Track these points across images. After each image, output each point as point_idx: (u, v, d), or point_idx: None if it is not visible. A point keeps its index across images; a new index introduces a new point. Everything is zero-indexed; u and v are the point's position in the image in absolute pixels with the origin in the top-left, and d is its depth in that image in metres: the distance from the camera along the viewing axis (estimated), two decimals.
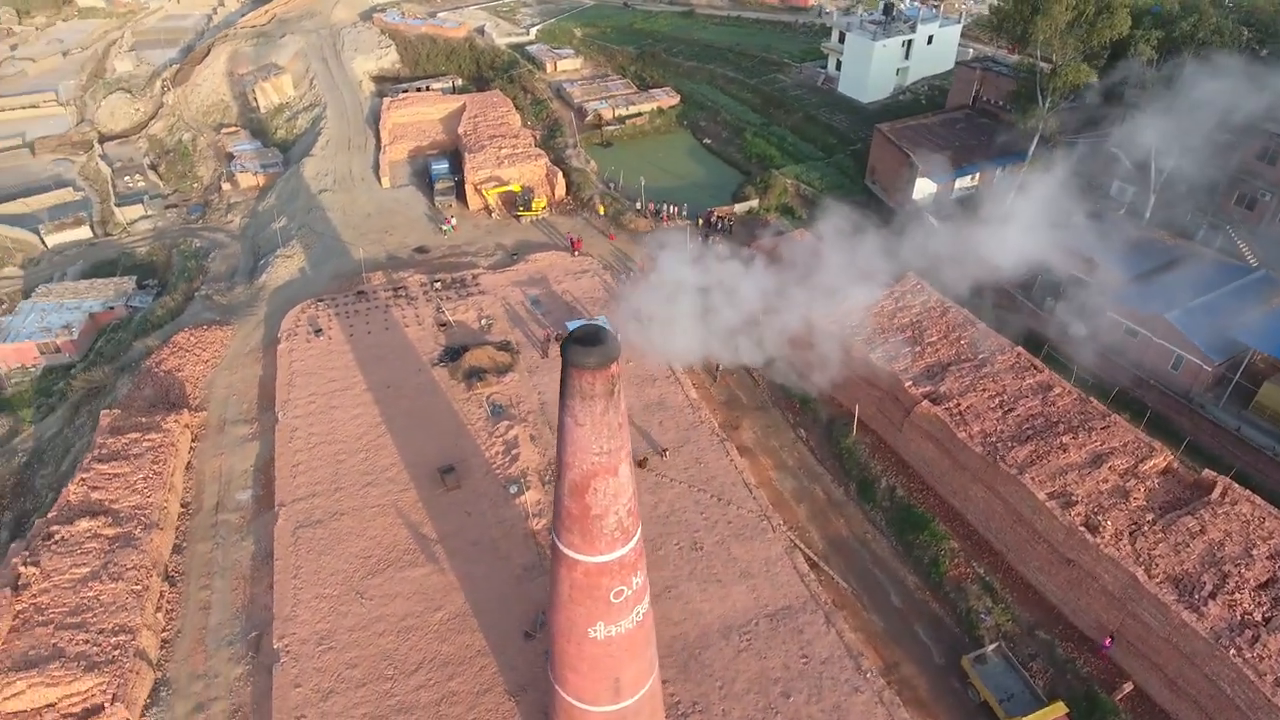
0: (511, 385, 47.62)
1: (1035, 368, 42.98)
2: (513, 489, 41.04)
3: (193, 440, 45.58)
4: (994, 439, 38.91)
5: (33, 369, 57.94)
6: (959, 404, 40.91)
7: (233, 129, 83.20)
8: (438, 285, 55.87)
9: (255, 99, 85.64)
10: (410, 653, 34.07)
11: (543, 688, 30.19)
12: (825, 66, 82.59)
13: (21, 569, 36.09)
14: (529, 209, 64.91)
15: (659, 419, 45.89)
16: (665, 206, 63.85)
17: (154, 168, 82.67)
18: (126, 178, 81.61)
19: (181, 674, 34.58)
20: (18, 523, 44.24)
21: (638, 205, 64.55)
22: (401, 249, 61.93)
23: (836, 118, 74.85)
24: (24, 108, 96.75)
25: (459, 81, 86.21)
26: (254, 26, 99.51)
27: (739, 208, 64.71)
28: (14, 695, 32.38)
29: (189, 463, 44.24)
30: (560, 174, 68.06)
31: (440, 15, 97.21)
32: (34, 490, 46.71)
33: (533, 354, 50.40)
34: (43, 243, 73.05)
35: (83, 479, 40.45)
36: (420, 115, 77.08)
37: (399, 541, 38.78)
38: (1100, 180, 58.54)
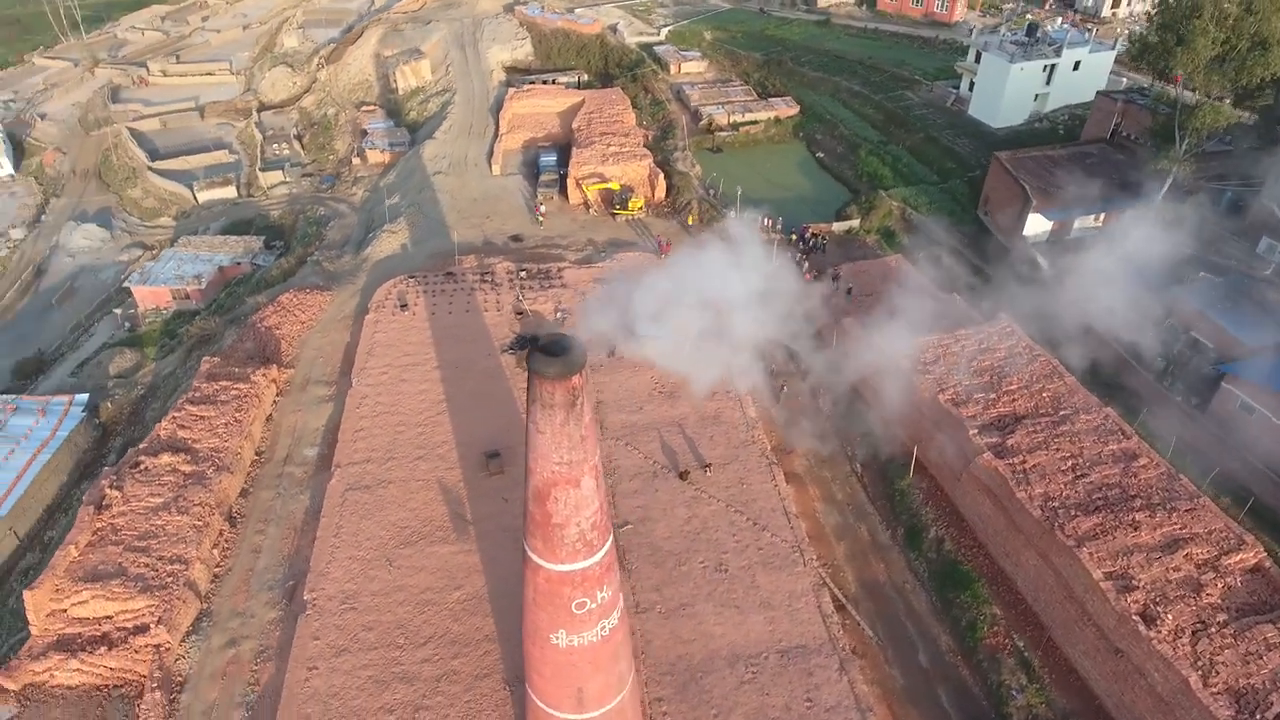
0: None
1: (1123, 433, 39.25)
2: None
3: (277, 394, 48.97)
4: (1057, 504, 35.86)
5: (165, 311, 64.05)
6: (1025, 461, 37.96)
7: (371, 108, 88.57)
8: (523, 274, 57.37)
9: (395, 81, 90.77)
10: (423, 626, 35.32)
11: None
12: (957, 87, 78.41)
13: (107, 491, 40.05)
14: (625, 208, 65.45)
15: (711, 433, 45.25)
16: (761, 218, 62.75)
17: (299, 138, 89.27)
18: (275, 145, 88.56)
19: (224, 609, 37.35)
20: (122, 448, 49.12)
21: (731, 214, 63.74)
22: (498, 235, 63.98)
23: (960, 141, 70.97)
24: (201, 74, 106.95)
25: (584, 77, 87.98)
26: (405, 12, 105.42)
27: (837, 226, 62.66)
28: (80, 603, 36.07)
29: (270, 415, 47.58)
30: (662, 176, 68.21)
31: (577, 11, 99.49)
32: (143, 421, 51.63)
33: (599, 352, 50.81)
34: (194, 198, 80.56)
35: (174, 417, 44.37)
36: (540, 107, 79.23)
37: (435, 517, 40.23)
38: (1247, 235, 52.63)
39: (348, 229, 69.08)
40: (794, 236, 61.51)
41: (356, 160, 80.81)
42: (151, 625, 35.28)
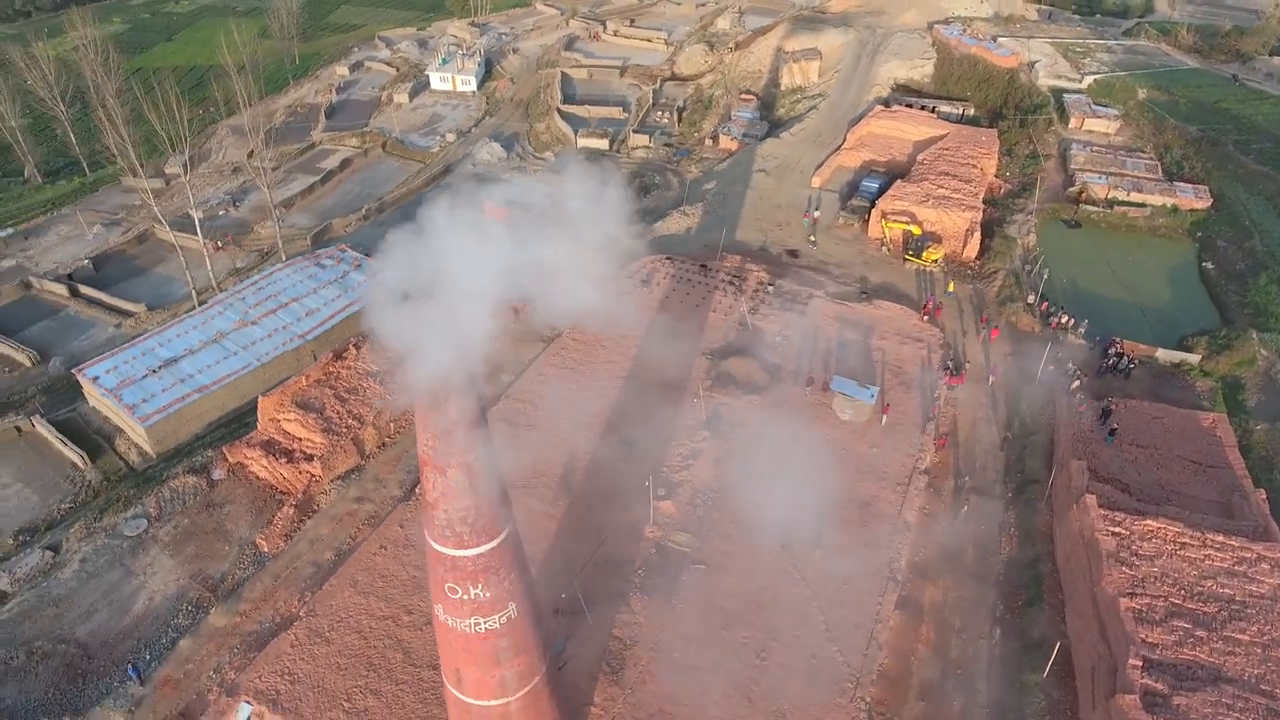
0: (745, 405, 46.41)
1: None
2: (660, 490, 41.18)
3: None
4: None
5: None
6: None
7: (748, 97, 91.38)
8: (770, 289, 55.87)
9: (782, 76, 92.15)
10: None
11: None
12: None
13: (351, 346, 49.61)
14: (918, 256, 59.31)
15: (851, 514, 40.20)
16: (1059, 311, 52.28)
17: (680, 111, 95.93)
18: (659, 112, 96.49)
19: (371, 472, 44.35)
20: None
21: (1030, 298, 53.98)
22: (778, 245, 62.77)
23: None
24: (642, 39, 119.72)
25: (970, 110, 79.92)
26: (821, 12, 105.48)
27: (1163, 353, 49.54)
28: (287, 420, 45.83)
29: None
30: (979, 236, 60.16)
31: (1000, 40, 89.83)
32: None
33: (789, 387, 47.89)
34: (575, 141, 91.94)
35: None
36: (898, 131, 74.48)
37: (547, 471, 42.50)
38: None
39: (663, 200, 73.34)
40: (1099, 346, 50.29)
41: (708, 142, 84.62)
42: (315, 458, 43.57)
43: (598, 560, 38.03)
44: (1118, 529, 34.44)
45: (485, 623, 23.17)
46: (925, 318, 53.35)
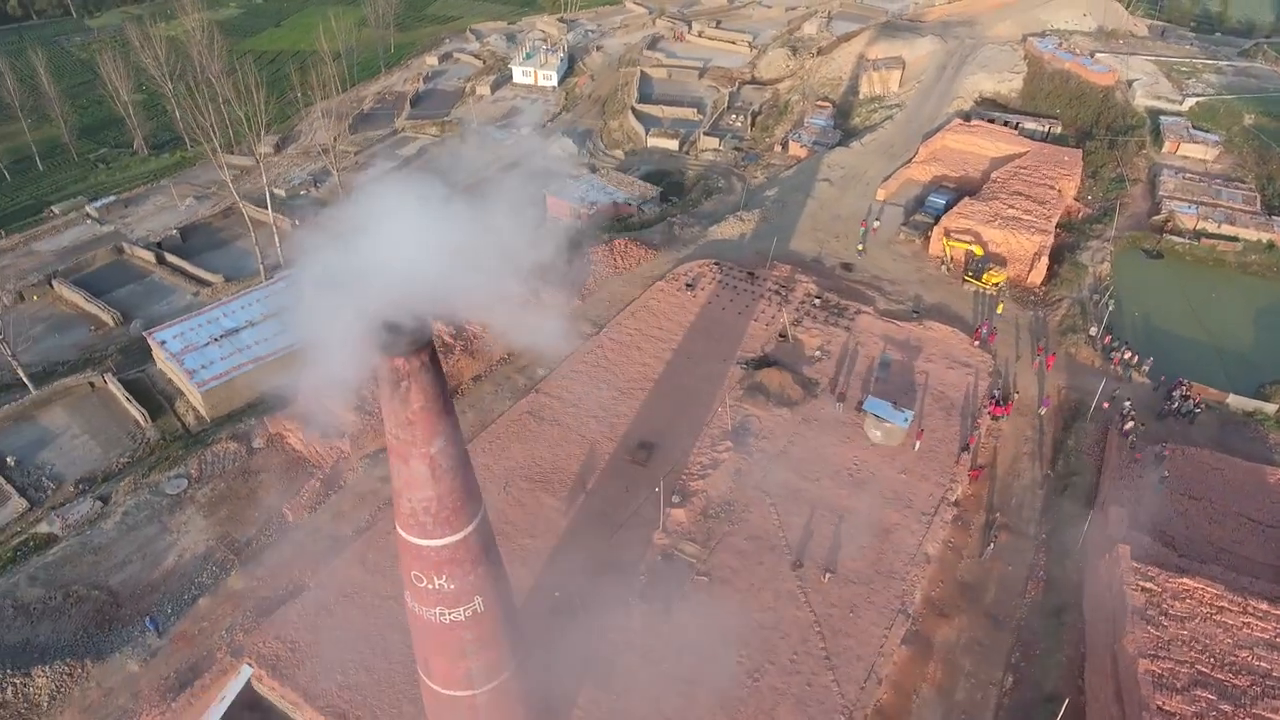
0: (773, 419, 45.48)
1: None
2: (675, 498, 40.79)
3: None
4: None
5: (558, 221, 75.96)
6: None
7: (824, 104, 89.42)
8: (817, 302, 54.54)
9: (862, 84, 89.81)
10: None
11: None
12: None
13: None
14: (978, 279, 56.79)
15: (866, 541, 38.85)
16: (1123, 346, 49.12)
17: (755, 115, 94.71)
18: (732, 115, 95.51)
19: None
20: None
21: (1093, 330, 50.90)
22: (832, 257, 61.21)
23: None
24: (726, 41, 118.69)
25: (1057, 129, 75.93)
26: (913, 20, 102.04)
27: (1234, 399, 45.97)
28: (324, 397, 47.26)
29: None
30: (1047, 261, 57.15)
31: (1098, 56, 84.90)
32: None
33: (822, 404, 46.64)
34: (645, 140, 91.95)
35: None
36: (975, 146, 71.54)
37: (565, 468, 42.68)
38: None
39: (723, 205, 72.54)
40: (1163, 386, 47.08)
41: (779, 149, 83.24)
42: (346, 435, 44.97)
43: (602, 561, 37.93)
44: (1149, 584, 32.16)
45: (450, 614, 23.37)
46: (977, 342, 51.07)
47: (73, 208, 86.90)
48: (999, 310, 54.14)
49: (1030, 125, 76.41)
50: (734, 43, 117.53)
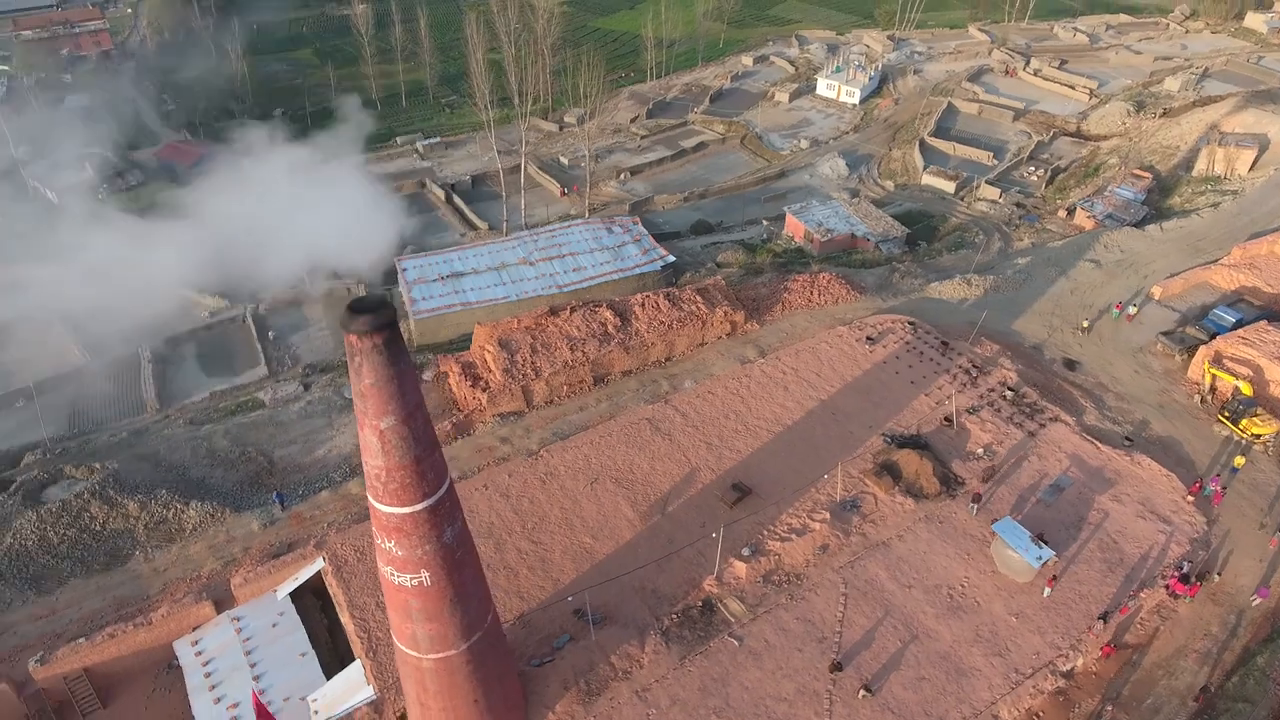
0: (891, 505, 41.04)
1: None
2: (745, 550, 38.88)
3: (726, 334, 54.71)
4: None
5: (791, 241, 74.27)
6: None
7: (1143, 173, 76.08)
8: (1009, 394, 47.65)
9: (1201, 159, 74.89)
10: (557, 530, 40.11)
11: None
12: None
13: (567, 310, 54.00)
14: (1234, 423, 45.47)
15: (932, 676, 34.01)
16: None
17: (1057, 171, 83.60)
18: (1030, 167, 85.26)
19: (530, 424, 48.50)
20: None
21: None
22: (1055, 349, 52.78)
23: None
24: (1062, 84, 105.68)
25: None
26: None
27: None
28: (487, 351, 51.82)
29: (702, 342, 53.92)
30: None
31: None
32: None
33: (957, 507, 40.98)
34: (920, 177, 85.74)
35: (657, 294, 55.20)
36: None
37: (655, 484, 42.55)
38: None
39: (966, 261, 65.65)
40: None
41: (1063, 214, 72.87)
42: (487, 390, 48.95)
43: (644, 585, 37.53)
44: None
45: (399, 577, 25.06)
46: (1193, 498, 41.24)
47: (408, 141, 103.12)
48: (1237, 464, 43.11)
49: None
50: (1073, 87, 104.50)
